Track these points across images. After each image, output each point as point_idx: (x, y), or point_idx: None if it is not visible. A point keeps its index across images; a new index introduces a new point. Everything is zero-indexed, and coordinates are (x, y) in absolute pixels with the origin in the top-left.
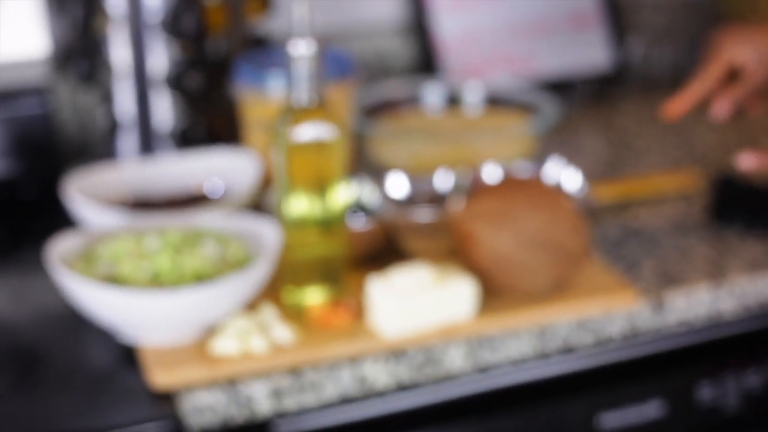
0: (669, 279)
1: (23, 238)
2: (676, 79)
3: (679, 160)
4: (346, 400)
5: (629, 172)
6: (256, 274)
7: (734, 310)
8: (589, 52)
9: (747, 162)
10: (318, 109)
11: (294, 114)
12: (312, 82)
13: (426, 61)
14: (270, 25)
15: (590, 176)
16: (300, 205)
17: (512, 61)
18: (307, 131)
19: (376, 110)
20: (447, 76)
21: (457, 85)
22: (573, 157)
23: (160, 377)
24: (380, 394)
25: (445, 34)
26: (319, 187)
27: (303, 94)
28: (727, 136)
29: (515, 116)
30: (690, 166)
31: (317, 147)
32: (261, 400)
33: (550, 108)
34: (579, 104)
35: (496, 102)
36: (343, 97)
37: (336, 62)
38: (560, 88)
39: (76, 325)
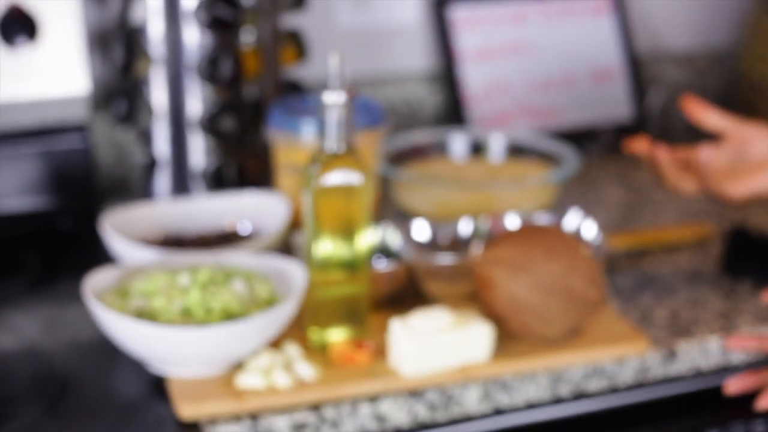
0: (681, 328)
1: (60, 270)
2: (692, 131)
3: (694, 212)
4: None
5: (645, 222)
6: (283, 313)
7: (744, 360)
8: (611, 104)
9: (736, 344)
10: (347, 155)
11: (324, 159)
12: (342, 130)
13: (452, 109)
14: (304, 71)
15: (607, 226)
16: (326, 246)
17: (535, 113)
18: (336, 176)
19: (403, 157)
20: (472, 126)
21: (481, 134)
22: (591, 207)
23: (186, 409)
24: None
25: (471, 84)
26: (346, 230)
27: (333, 140)
28: None
29: (537, 166)
30: (704, 218)
31: (345, 191)
32: None
33: (571, 158)
34: (599, 155)
35: (518, 151)
36: (372, 144)
37: (366, 110)
38: (581, 138)
39: (108, 354)
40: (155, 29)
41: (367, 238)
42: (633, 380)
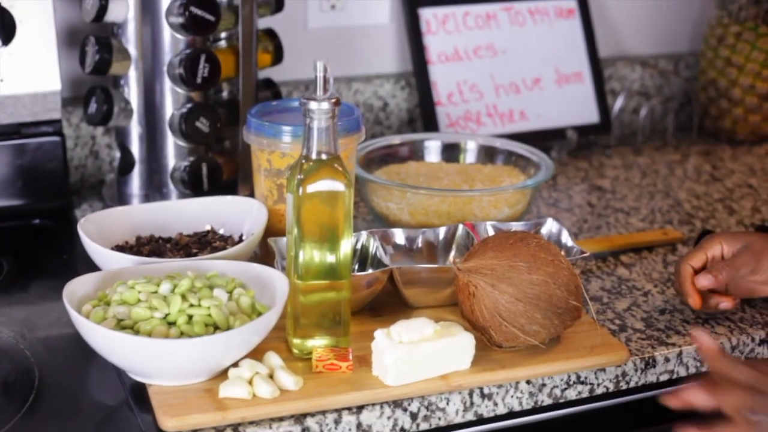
0: (657, 335)
1: (33, 268)
2: (654, 130)
3: (662, 212)
4: None
5: (615, 224)
6: (266, 323)
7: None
8: (577, 106)
9: (704, 282)
10: (331, 162)
11: (309, 166)
12: (327, 136)
13: (422, 110)
14: (275, 71)
15: (578, 230)
16: (309, 253)
17: (503, 114)
18: (320, 183)
19: (376, 160)
20: (445, 129)
21: (455, 137)
22: (561, 212)
23: (169, 422)
24: None
25: (440, 85)
26: (328, 236)
27: (318, 147)
28: (709, 195)
29: (510, 169)
30: (672, 218)
31: (329, 198)
32: None
33: (545, 163)
34: (566, 156)
35: (491, 154)
36: (349, 149)
37: (344, 115)
38: (548, 139)
39: (85, 358)
40: (132, 29)
41: (348, 244)
42: (612, 388)
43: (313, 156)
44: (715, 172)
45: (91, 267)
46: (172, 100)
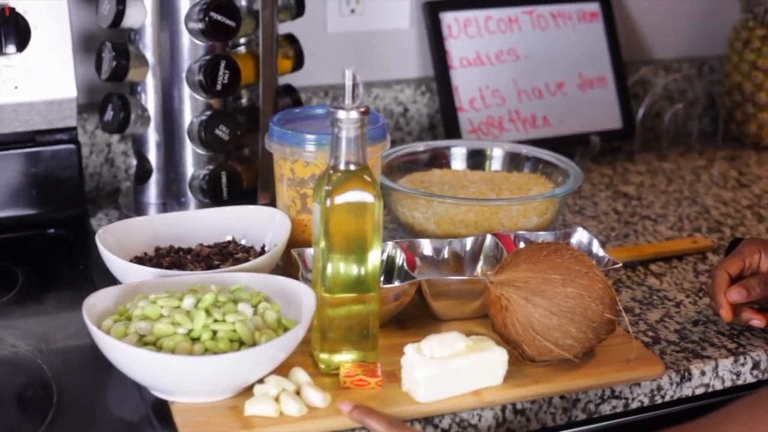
0: (691, 348)
1: (49, 278)
2: (677, 134)
3: (690, 219)
4: None
5: (643, 232)
6: (293, 338)
7: (760, 370)
8: (600, 111)
9: (735, 296)
10: (360, 172)
11: (336, 176)
12: (356, 146)
13: (444, 116)
14: (297, 77)
15: (606, 238)
16: (336, 265)
17: (525, 119)
18: (349, 194)
19: (400, 168)
20: (469, 136)
21: (480, 144)
22: (588, 220)
23: None
24: None
25: (462, 90)
26: (356, 248)
27: (346, 157)
28: (737, 201)
29: (537, 177)
30: (700, 225)
31: (357, 209)
32: None
33: (573, 171)
34: (590, 161)
35: (517, 162)
36: (374, 159)
37: (368, 123)
38: (571, 145)
39: (104, 372)
40: (149, 35)
41: (376, 256)
42: (647, 402)
43: (341, 167)
44: (741, 178)
45: (108, 277)
46: (190, 107)
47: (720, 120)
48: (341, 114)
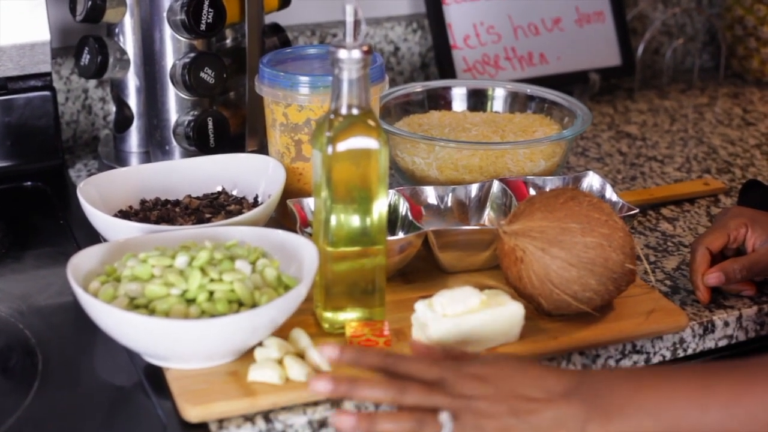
0: (713, 298)
1: (27, 234)
2: (676, 71)
3: (698, 160)
4: None
5: (651, 174)
6: (295, 298)
7: None
8: (599, 47)
9: (713, 281)
10: (363, 117)
11: (338, 121)
12: (358, 88)
13: (438, 54)
14: (283, 16)
15: (614, 181)
16: (340, 217)
17: (522, 57)
18: (352, 140)
19: (395, 111)
20: (461, 74)
21: (482, 84)
22: (593, 162)
23: (190, 409)
24: None
25: (456, 27)
26: (360, 198)
27: (348, 99)
28: (744, 141)
29: (541, 118)
30: (707, 165)
31: (361, 156)
32: None
33: (581, 110)
34: (588, 98)
35: (521, 102)
36: (373, 101)
37: None
38: (570, 83)
39: (92, 337)
40: None
41: (383, 206)
42: (669, 356)
43: (343, 111)
44: (746, 115)
45: (90, 233)
46: (172, 49)
47: (722, 56)
48: (342, 53)
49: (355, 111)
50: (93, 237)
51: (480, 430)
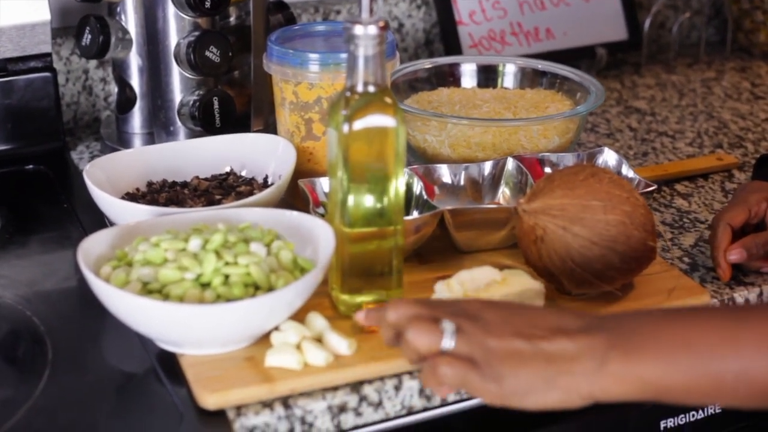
0: (734, 275)
1: (30, 219)
2: (682, 45)
3: (709, 135)
4: (412, 413)
5: (663, 149)
6: (313, 281)
7: None
8: (605, 22)
9: (735, 257)
10: (379, 94)
11: (355, 98)
12: (375, 65)
13: (443, 30)
14: None
15: (625, 157)
16: (357, 197)
17: (528, 32)
18: (369, 118)
19: (403, 89)
20: (467, 50)
21: (492, 59)
22: (603, 136)
23: (207, 396)
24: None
25: (461, 3)
26: (377, 177)
27: (364, 76)
28: (755, 115)
29: (553, 94)
30: (718, 141)
31: (378, 134)
32: (322, 418)
33: (594, 85)
34: (595, 73)
35: (532, 77)
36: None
37: None
38: (577, 58)
39: (101, 323)
40: None
41: (400, 185)
42: None
43: (359, 88)
44: (755, 89)
45: (96, 216)
46: (176, 27)
47: (729, 29)
48: (358, 29)
49: (371, 88)
50: (98, 221)
51: (487, 350)
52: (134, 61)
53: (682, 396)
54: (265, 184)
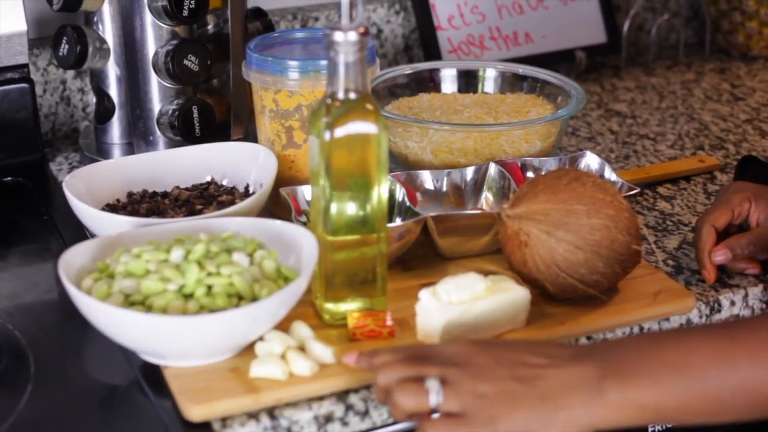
0: (718, 278)
1: (9, 231)
2: (661, 47)
3: (690, 137)
4: (398, 422)
5: (644, 152)
6: (297, 290)
7: None
8: (584, 25)
9: (720, 258)
10: (361, 101)
11: (336, 106)
12: (355, 71)
13: (422, 35)
14: (264, 1)
15: (607, 161)
16: (340, 205)
17: (507, 36)
18: (351, 125)
19: (383, 95)
20: (447, 55)
21: (473, 64)
22: (585, 140)
23: (192, 408)
24: None
25: (439, 8)
26: (359, 185)
27: (345, 83)
28: (735, 116)
29: (535, 97)
30: (698, 142)
31: (360, 142)
32: (309, 428)
33: (575, 89)
34: (575, 77)
35: (512, 82)
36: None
37: None
38: (556, 62)
39: (84, 337)
40: None
41: (383, 192)
42: None
43: (340, 95)
44: (735, 90)
45: (76, 228)
46: (154, 36)
47: (707, 31)
48: (338, 36)
49: (352, 95)
50: (78, 232)
51: (477, 396)
52: (112, 71)
53: (680, 417)
54: (247, 193)
